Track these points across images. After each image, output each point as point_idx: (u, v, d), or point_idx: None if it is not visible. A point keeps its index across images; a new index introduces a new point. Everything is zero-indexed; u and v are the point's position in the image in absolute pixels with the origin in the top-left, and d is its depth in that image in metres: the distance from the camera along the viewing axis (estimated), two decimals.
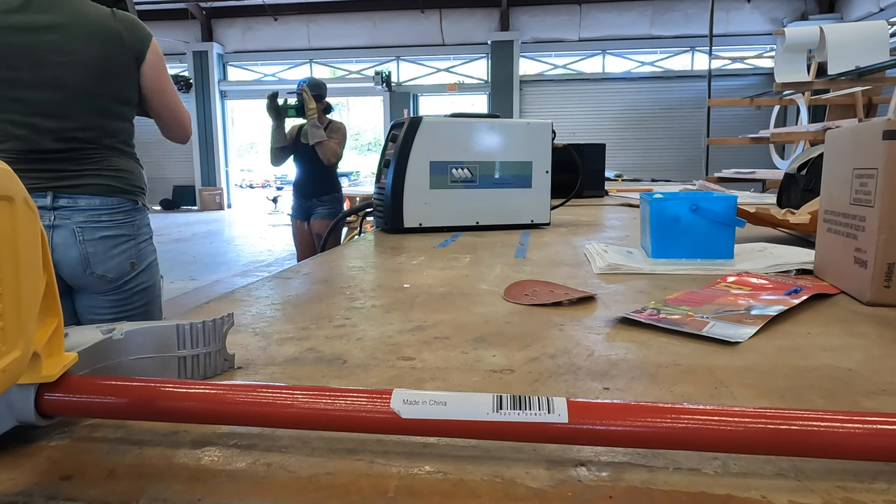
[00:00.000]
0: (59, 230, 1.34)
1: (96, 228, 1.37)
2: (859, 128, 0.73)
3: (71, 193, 1.35)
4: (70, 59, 1.28)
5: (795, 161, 1.53)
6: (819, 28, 3.83)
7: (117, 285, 1.43)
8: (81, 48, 1.30)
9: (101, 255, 1.38)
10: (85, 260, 1.37)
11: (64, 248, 1.35)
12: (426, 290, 0.82)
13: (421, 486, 0.32)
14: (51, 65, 1.27)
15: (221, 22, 13.50)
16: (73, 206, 1.35)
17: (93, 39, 1.31)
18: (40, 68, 1.27)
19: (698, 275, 0.90)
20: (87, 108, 1.34)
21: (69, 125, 1.32)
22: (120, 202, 1.42)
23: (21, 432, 0.36)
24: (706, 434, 0.31)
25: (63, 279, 1.38)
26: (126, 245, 1.44)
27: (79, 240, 1.35)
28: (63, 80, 1.29)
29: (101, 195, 1.38)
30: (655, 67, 12.74)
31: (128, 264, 1.44)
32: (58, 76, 1.29)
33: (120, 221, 1.42)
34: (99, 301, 1.43)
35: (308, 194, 3.51)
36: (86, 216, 1.36)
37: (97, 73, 1.33)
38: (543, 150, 1.54)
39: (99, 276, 1.39)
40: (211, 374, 0.48)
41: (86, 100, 1.33)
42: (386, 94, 13.07)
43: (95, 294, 1.43)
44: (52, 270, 0.34)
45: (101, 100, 1.36)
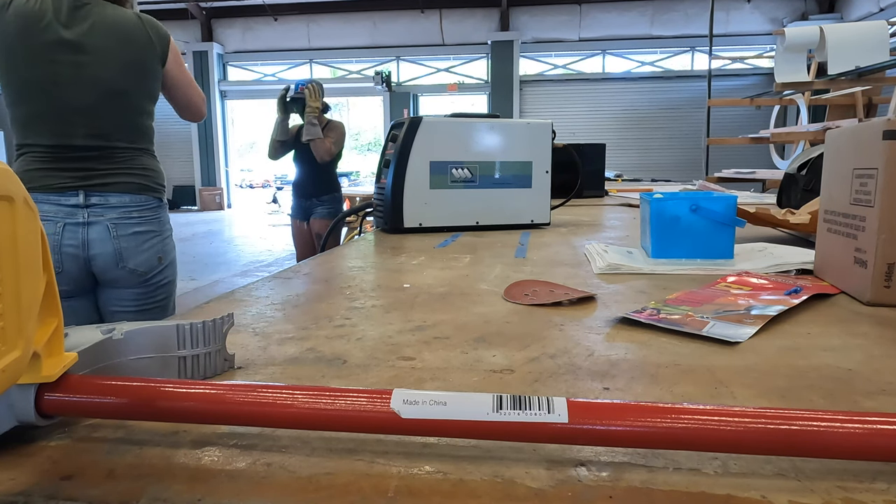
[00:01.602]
0: (93, 227, 1.41)
1: (128, 225, 1.46)
2: (859, 128, 0.73)
3: (102, 192, 1.42)
4: (106, 60, 1.37)
5: (795, 161, 1.53)
6: (819, 28, 3.83)
7: (145, 279, 1.50)
8: (117, 51, 1.39)
9: (132, 249, 1.46)
10: (118, 254, 1.45)
11: (99, 244, 1.42)
12: (426, 290, 0.82)
13: (421, 486, 0.32)
14: (89, 66, 1.36)
15: (221, 22, 13.50)
16: (104, 204, 1.43)
17: (126, 42, 1.40)
18: (79, 69, 1.35)
19: (698, 275, 0.90)
20: (119, 106, 1.42)
21: (101, 122, 1.40)
22: (147, 199, 1.50)
23: (21, 432, 0.36)
24: (706, 434, 0.31)
25: (94, 274, 1.45)
26: (154, 240, 1.52)
27: (113, 235, 1.43)
28: (99, 81, 1.37)
29: (131, 193, 1.46)
30: (655, 67, 12.74)
31: (156, 259, 1.52)
32: (94, 76, 1.37)
33: (148, 218, 1.50)
34: (125, 294, 1.50)
35: (308, 194, 3.51)
36: (118, 213, 1.44)
37: (130, 73, 1.41)
38: (543, 150, 1.54)
39: (130, 270, 1.47)
40: (211, 374, 0.48)
41: (118, 98, 1.41)
42: (386, 94, 13.07)
43: (123, 288, 1.49)
44: (52, 270, 0.34)
45: (132, 99, 1.44)
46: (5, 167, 0.30)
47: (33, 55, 1.31)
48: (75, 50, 1.35)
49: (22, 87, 1.35)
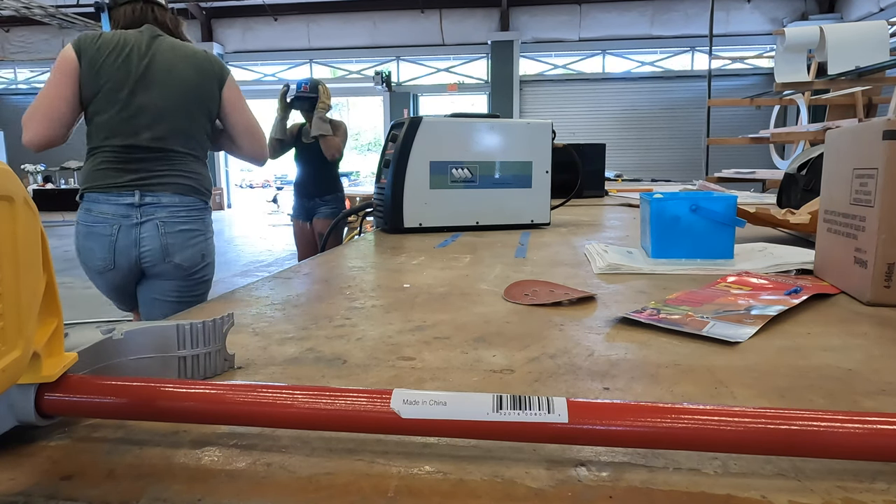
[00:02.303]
0: (144, 225, 1.60)
1: (175, 223, 1.63)
2: (859, 128, 0.73)
3: (155, 192, 1.61)
4: (172, 79, 1.62)
5: (795, 161, 1.53)
6: (819, 28, 3.83)
7: (188, 273, 1.67)
8: (183, 73, 1.64)
9: (178, 245, 1.63)
10: (165, 249, 1.62)
11: (149, 240, 1.60)
12: (426, 290, 0.82)
13: (421, 486, 0.32)
14: (159, 84, 1.61)
15: (221, 22, 13.50)
16: (156, 203, 1.61)
17: (189, 66, 1.65)
18: (152, 85, 1.60)
19: (698, 275, 0.90)
20: (180, 117, 1.63)
21: (163, 128, 1.61)
22: (194, 201, 1.68)
23: (21, 432, 0.36)
24: (706, 434, 0.31)
25: (141, 267, 1.63)
26: (198, 239, 1.68)
27: (161, 232, 1.61)
28: (166, 95, 1.61)
29: (181, 194, 1.64)
30: (655, 67, 12.74)
31: (199, 256, 1.69)
32: (163, 92, 1.61)
33: (194, 217, 1.67)
34: (168, 286, 1.67)
35: (310, 194, 3.52)
36: (167, 212, 1.62)
37: (190, 90, 1.65)
38: (543, 150, 1.54)
39: (175, 265, 1.64)
40: (211, 374, 0.48)
41: (179, 111, 1.64)
42: (386, 94, 13.07)
43: (167, 280, 1.66)
44: (52, 270, 0.34)
45: (192, 112, 1.66)
46: (5, 167, 0.30)
47: (114, 74, 1.57)
48: (148, 69, 1.59)
49: (103, 97, 1.57)
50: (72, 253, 1.67)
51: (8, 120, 14.20)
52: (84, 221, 1.60)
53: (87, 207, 1.60)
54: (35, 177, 12.11)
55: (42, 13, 11.72)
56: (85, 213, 1.60)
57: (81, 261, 1.64)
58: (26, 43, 14.12)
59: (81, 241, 1.61)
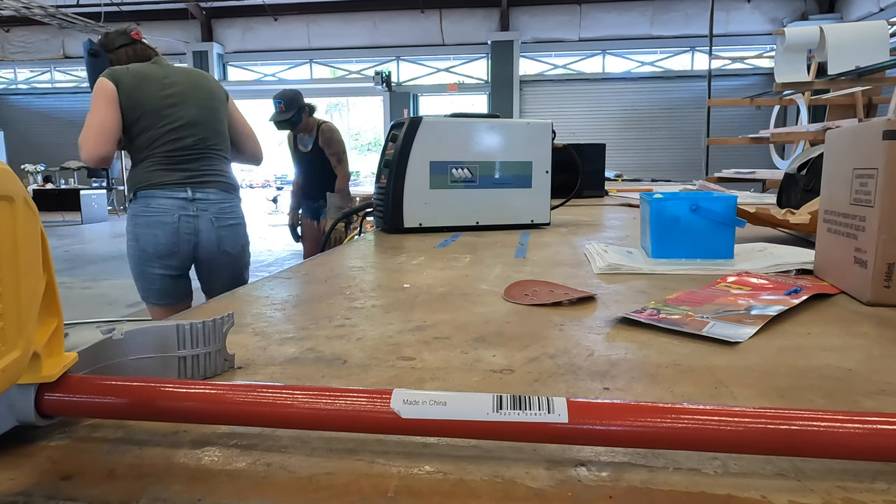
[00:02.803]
0: (200, 219, 1.91)
1: (224, 219, 1.97)
2: (859, 128, 0.73)
3: (203, 188, 1.91)
4: (196, 93, 1.94)
5: (795, 161, 1.53)
6: (819, 28, 3.83)
7: (233, 259, 2.02)
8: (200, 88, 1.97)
9: (228, 238, 1.99)
10: (219, 240, 1.96)
11: (206, 232, 1.93)
12: (426, 290, 0.82)
13: (421, 486, 0.32)
14: (190, 99, 1.93)
15: (221, 22, 13.50)
16: (206, 199, 1.92)
17: (206, 84, 2.00)
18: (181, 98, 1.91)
19: (698, 275, 0.90)
20: (212, 123, 1.96)
21: (202, 132, 1.93)
22: (233, 198, 2.02)
23: (21, 432, 0.36)
24: (706, 434, 0.31)
25: (197, 254, 1.95)
26: (241, 230, 2.05)
27: (215, 226, 1.94)
28: (195, 106, 1.92)
29: (224, 192, 1.98)
30: (655, 67, 12.74)
31: (241, 245, 2.05)
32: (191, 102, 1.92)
33: (236, 213, 2.03)
34: (222, 271, 2.02)
35: (315, 196, 3.55)
36: (217, 209, 1.95)
37: (211, 101, 1.98)
38: (543, 150, 1.54)
39: (226, 253, 1.99)
40: (211, 374, 0.48)
41: (211, 119, 1.96)
42: (386, 94, 13.07)
43: (221, 266, 2.01)
44: (52, 270, 0.34)
45: (219, 119, 1.99)
46: (5, 167, 0.30)
47: (150, 96, 1.86)
48: (173, 87, 1.90)
49: (145, 118, 1.85)
50: (72, 253, 1.70)
51: (8, 120, 14.21)
52: (144, 214, 1.86)
53: (145, 203, 1.86)
54: (35, 177, 12.11)
55: (42, 13, 11.72)
56: (143, 207, 1.86)
57: (140, 248, 1.88)
58: (26, 43, 14.13)
59: (143, 230, 1.86)
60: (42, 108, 14.49)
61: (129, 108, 1.84)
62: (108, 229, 9.92)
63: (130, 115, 1.84)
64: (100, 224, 10.68)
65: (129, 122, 1.85)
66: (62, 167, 12.44)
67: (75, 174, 12.71)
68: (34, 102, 14.55)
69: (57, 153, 13.60)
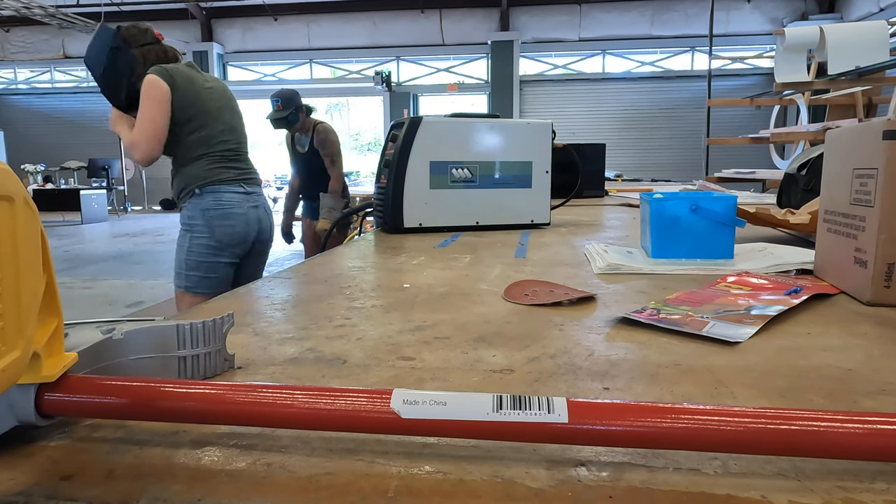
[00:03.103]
0: (258, 210, 2.15)
1: (269, 210, 2.25)
2: (859, 128, 0.73)
3: (250, 184, 2.12)
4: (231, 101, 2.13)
5: (795, 161, 1.53)
6: (819, 28, 3.83)
7: (269, 246, 2.29)
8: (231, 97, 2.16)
9: (273, 226, 2.28)
10: (271, 228, 2.25)
11: (263, 222, 2.18)
12: (426, 290, 0.82)
13: (421, 486, 0.32)
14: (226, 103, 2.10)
15: (221, 22, 13.50)
16: (256, 193, 2.14)
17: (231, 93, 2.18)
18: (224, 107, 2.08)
19: (698, 275, 0.90)
20: (242, 128, 2.16)
21: (238, 134, 2.12)
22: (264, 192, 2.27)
23: (21, 432, 0.36)
24: (706, 434, 0.31)
25: (255, 244, 2.15)
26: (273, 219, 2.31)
27: (267, 215, 2.21)
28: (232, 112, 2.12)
29: (261, 188, 2.21)
30: (655, 67, 12.74)
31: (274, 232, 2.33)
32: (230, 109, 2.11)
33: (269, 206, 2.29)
34: (264, 256, 2.28)
35: (314, 196, 3.55)
36: (263, 200, 2.19)
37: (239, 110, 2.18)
38: (543, 150, 1.54)
39: (271, 239, 2.28)
40: (211, 374, 0.48)
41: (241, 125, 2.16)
42: (386, 94, 13.07)
43: (265, 252, 2.27)
44: (52, 270, 0.34)
45: (244, 125, 2.18)
46: (5, 167, 0.30)
47: (201, 97, 1.99)
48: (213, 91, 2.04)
49: (197, 118, 1.97)
50: (72, 253, 1.70)
51: (8, 120, 14.20)
52: (217, 207, 2.01)
53: (215, 197, 2.00)
54: (35, 177, 12.11)
55: (42, 13, 11.72)
56: (214, 201, 2.00)
57: (216, 239, 2.01)
58: (26, 43, 14.12)
59: (219, 222, 2.01)
60: (42, 108, 14.49)
61: (182, 107, 1.93)
62: (108, 229, 9.92)
63: (182, 114, 1.94)
64: (100, 224, 10.67)
65: (181, 120, 1.94)
66: (62, 167, 12.44)
67: (75, 174, 12.71)
68: (34, 102, 14.55)
69: (57, 153, 13.60)
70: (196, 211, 2.00)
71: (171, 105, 1.91)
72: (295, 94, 3.36)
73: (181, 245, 2.04)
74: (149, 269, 5.95)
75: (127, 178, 12.86)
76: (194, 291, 2.03)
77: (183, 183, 2.02)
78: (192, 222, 2.01)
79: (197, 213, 2.00)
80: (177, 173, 2.04)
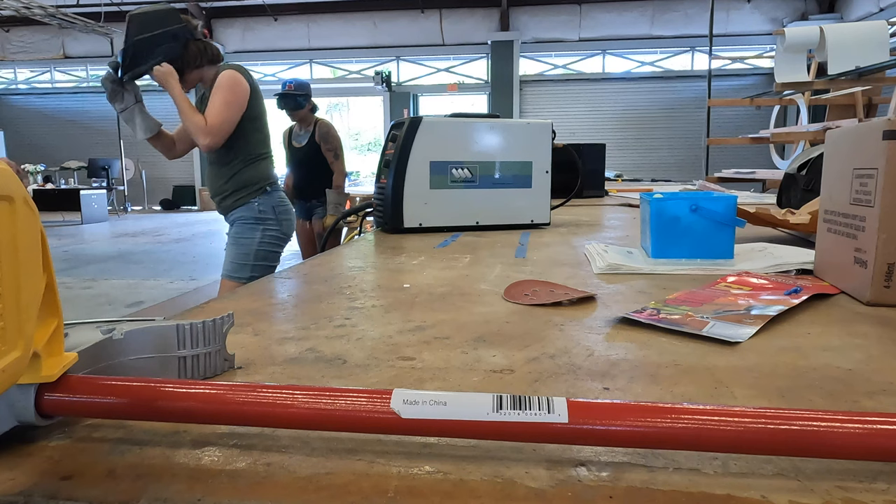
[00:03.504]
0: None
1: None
2: (859, 128, 0.73)
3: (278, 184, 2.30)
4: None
5: (795, 161, 1.53)
6: (819, 28, 3.83)
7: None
8: None
9: None
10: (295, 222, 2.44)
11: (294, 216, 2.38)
12: (426, 290, 0.82)
13: (421, 486, 0.32)
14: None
15: (221, 22, 13.49)
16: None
17: None
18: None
19: (698, 275, 0.90)
20: None
21: None
22: None
23: (21, 432, 0.36)
24: (706, 434, 0.31)
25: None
26: None
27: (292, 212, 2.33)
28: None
29: None
30: (655, 67, 12.74)
31: None
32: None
33: None
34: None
35: (307, 195, 3.54)
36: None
37: None
38: (543, 150, 1.54)
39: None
40: (211, 374, 0.48)
41: None
42: (386, 94, 13.07)
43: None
44: (52, 270, 0.34)
45: None
46: (5, 167, 0.30)
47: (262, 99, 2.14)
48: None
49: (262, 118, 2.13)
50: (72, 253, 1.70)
51: (8, 120, 14.20)
52: (282, 203, 2.20)
53: (279, 195, 2.19)
54: (35, 177, 12.11)
55: (42, 13, 11.72)
56: (280, 199, 2.19)
57: (283, 232, 2.19)
58: (26, 43, 14.12)
59: (285, 217, 2.19)
60: (42, 108, 14.49)
61: (254, 105, 2.06)
62: (108, 229, 9.92)
63: (257, 111, 2.08)
64: (100, 224, 10.67)
65: (251, 116, 2.06)
66: (62, 167, 12.43)
67: (75, 174, 12.71)
68: (34, 102, 14.54)
69: (57, 153, 13.60)
70: (268, 206, 2.14)
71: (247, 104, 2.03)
72: (307, 84, 3.46)
73: (249, 238, 2.13)
74: (149, 269, 5.95)
75: (127, 178, 12.86)
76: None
77: (252, 179, 2.13)
78: (265, 216, 2.13)
79: (268, 209, 2.14)
80: (240, 169, 2.11)
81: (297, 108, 3.39)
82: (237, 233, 2.14)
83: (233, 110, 1.99)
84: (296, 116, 3.45)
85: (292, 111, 3.41)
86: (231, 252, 2.15)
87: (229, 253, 2.16)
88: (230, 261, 2.14)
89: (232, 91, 1.98)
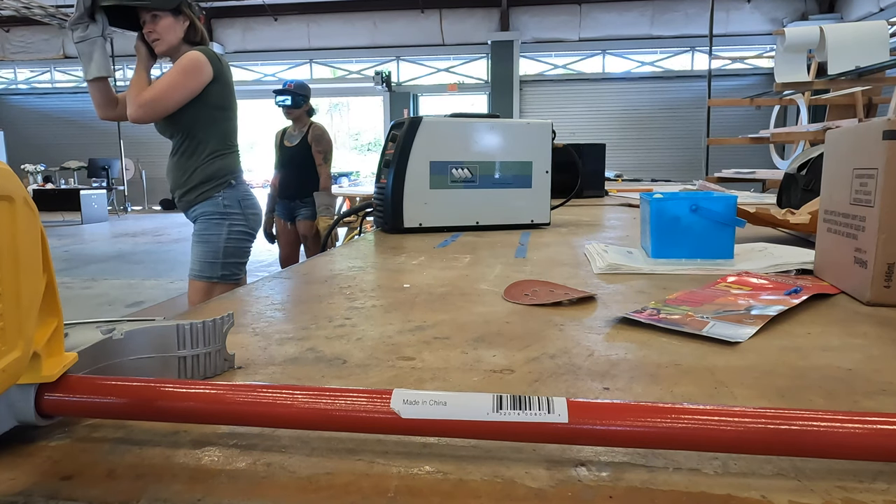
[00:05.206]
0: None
1: None
2: (859, 128, 0.73)
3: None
4: None
5: (795, 161, 1.53)
6: (819, 28, 3.83)
7: None
8: None
9: None
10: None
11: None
12: (426, 290, 0.82)
13: (421, 486, 0.32)
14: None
15: (221, 22, 13.50)
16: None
17: None
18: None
19: (698, 275, 0.90)
20: None
21: None
22: None
23: (21, 432, 0.36)
24: (706, 434, 0.31)
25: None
26: None
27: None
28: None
29: None
30: (655, 67, 12.74)
31: None
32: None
33: None
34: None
35: (291, 195, 3.54)
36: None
37: None
38: (543, 150, 1.54)
39: None
40: (211, 374, 0.48)
41: None
42: (386, 94, 13.07)
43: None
44: (52, 270, 0.34)
45: None
46: (5, 167, 0.30)
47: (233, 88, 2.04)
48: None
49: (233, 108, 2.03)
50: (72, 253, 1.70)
51: (8, 120, 14.20)
52: (248, 197, 2.10)
53: (245, 188, 2.09)
54: (35, 177, 12.10)
55: (42, 13, 11.73)
56: (246, 192, 2.09)
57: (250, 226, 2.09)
58: (26, 43, 14.12)
59: (250, 211, 2.09)
60: (42, 108, 14.49)
61: (225, 94, 1.97)
62: (108, 229, 9.92)
63: (223, 100, 1.97)
64: (100, 224, 10.67)
65: (222, 105, 1.97)
66: (62, 167, 12.43)
67: (75, 174, 12.70)
68: (34, 102, 14.54)
69: (57, 153, 13.59)
70: (233, 200, 2.03)
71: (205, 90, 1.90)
72: (307, 86, 3.50)
73: (215, 234, 2.00)
74: (149, 269, 5.95)
75: (127, 178, 12.86)
76: (229, 280, 2.03)
77: (217, 172, 2.01)
78: (230, 211, 2.03)
79: (234, 203, 2.03)
80: (205, 162, 1.99)
81: (294, 105, 3.39)
82: (202, 230, 2.02)
83: (176, 92, 1.85)
84: (291, 115, 3.45)
85: (288, 109, 3.41)
86: (197, 250, 2.03)
87: (195, 252, 2.03)
88: (197, 260, 2.02)
89: (184, 73, 1.85)
